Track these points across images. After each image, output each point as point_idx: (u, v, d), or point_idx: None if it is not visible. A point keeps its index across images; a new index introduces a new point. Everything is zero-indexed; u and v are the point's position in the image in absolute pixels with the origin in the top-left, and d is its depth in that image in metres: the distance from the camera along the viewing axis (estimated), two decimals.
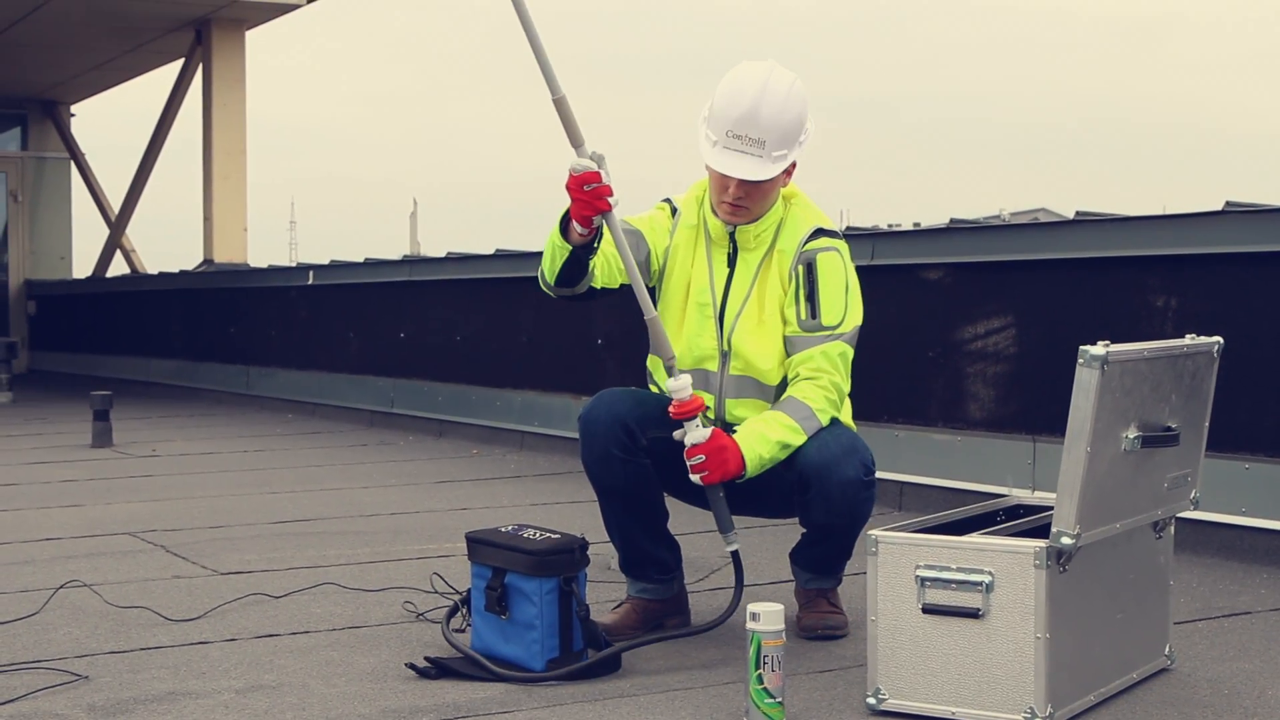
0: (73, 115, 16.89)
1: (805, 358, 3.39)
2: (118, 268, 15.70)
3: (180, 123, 14.45)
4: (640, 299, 3.29)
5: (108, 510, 5.80)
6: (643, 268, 3.44)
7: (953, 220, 5.88)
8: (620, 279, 3.41)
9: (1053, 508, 2.74)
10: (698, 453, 3.22)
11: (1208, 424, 3.16)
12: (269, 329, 11.04)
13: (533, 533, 3.27)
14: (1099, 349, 2.68)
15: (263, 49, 46.57)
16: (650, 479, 3.42)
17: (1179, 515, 3.21)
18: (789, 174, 3.43)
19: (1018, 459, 5.17)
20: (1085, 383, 2.68)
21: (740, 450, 3.25)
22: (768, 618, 2.76)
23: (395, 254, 9.86)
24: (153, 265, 15.17)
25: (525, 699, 3.02)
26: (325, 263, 10.34)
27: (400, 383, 9.16)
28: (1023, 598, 2.74)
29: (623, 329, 7.13)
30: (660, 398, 3.39)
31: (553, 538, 3.23)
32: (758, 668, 2.76)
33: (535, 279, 3.51)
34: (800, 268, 3.42)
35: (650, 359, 3.57)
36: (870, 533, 2.91)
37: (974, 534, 2.94)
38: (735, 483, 3.32)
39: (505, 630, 3.21)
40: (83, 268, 16.59)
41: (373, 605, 3.92)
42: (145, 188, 15.10)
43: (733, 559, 3.31)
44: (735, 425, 3.40)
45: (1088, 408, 2.68)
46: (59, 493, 6.37)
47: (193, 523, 5.43)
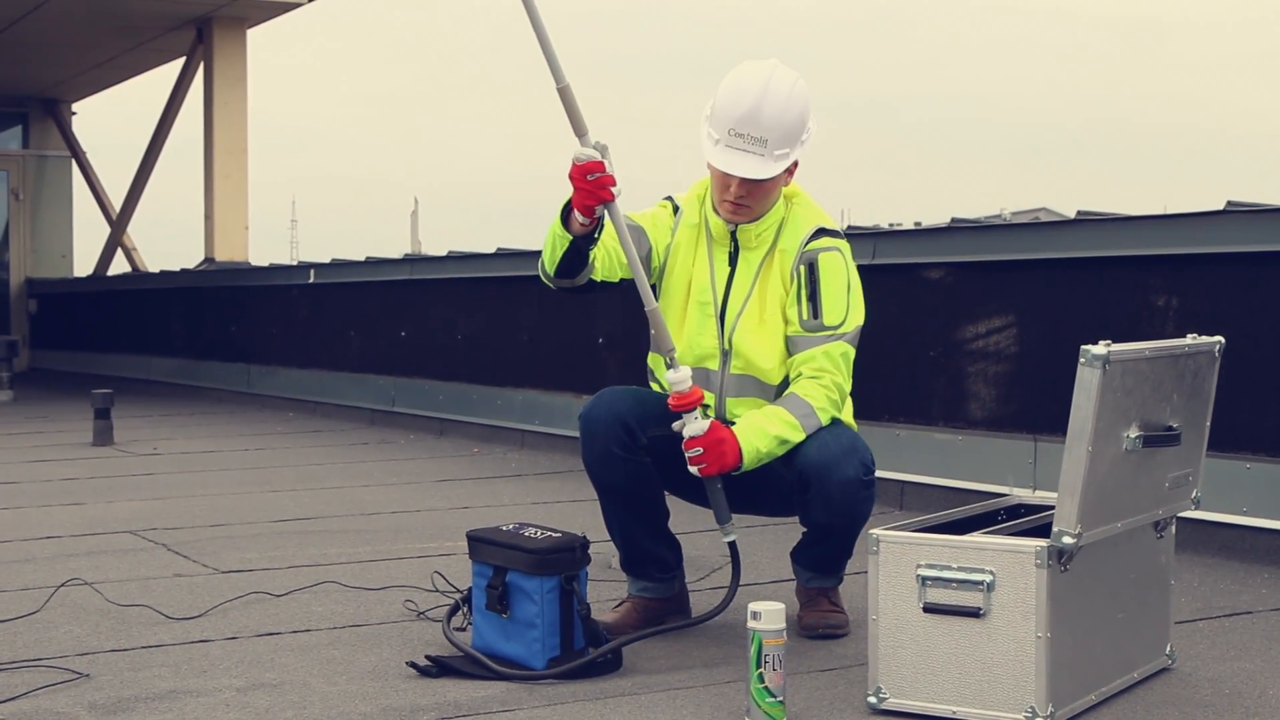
0: (74, 113, 16.89)
1: (807, 357, 3.39)
2: (119, 266, 15.71)
3: (181, 121, 14.47)
4: (641, 290, 3.29)
5: (109, 508, 5.80)
6: (643, 263, 3.44)
7: (954, 220, 5.87)
8: (621, 273, 3.41)
9: (1054, 507, 2.74)
10: (696, 445, 3.23)
11: (1209, 424, 3.16)
12: (270, 327, 11.04)
13: (534, 531, 3.27)
14: (1100, 348, 2.68)
15: (264, 48, 46.65)
16: (651, 477, 3.43)
17: (1180, 515, 3.21)
18: (791, 173, 3.43)
19: (1019, 458, 5.17)
20: (1087, 382, 2.68)
21: (738, 443, 3.26)
22: (769, 616, 2.76)
23: (396, 253, 9.86)
24: (154, 264, 15.19)
25: (526, 697, 3.02)
26: (326, 261, 10.34)
27: (401, 381, 9.16)
28: (1024, 597, 2.74)
29: (624, 328, 7.13)
30: (661, 396, 3.39)
31: (554, 536, 3.23)
32: (759, 666, 2.76)
33: (536, 278, 3.51)
34: (802, 268, 3.42)
35: (651, 356, 3.57)
36: (871, 532, 2.91)
37: (975, 533, 2.94)
38: (733, 476, 3.32)
39: (506, 629, 3.21)
40: (84, 266, 16.60)
41: (374, 604, 3.92)
42: (146, 186, 15.11)
43: (730, 549, 3.33)
44: (735, 423, 3.40)
45: (1089, 407, 2.68)
46: (60, 491, 6.38)
47: (194, 521, 5.43)
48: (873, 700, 2.88)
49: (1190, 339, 3.02)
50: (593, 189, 3.14)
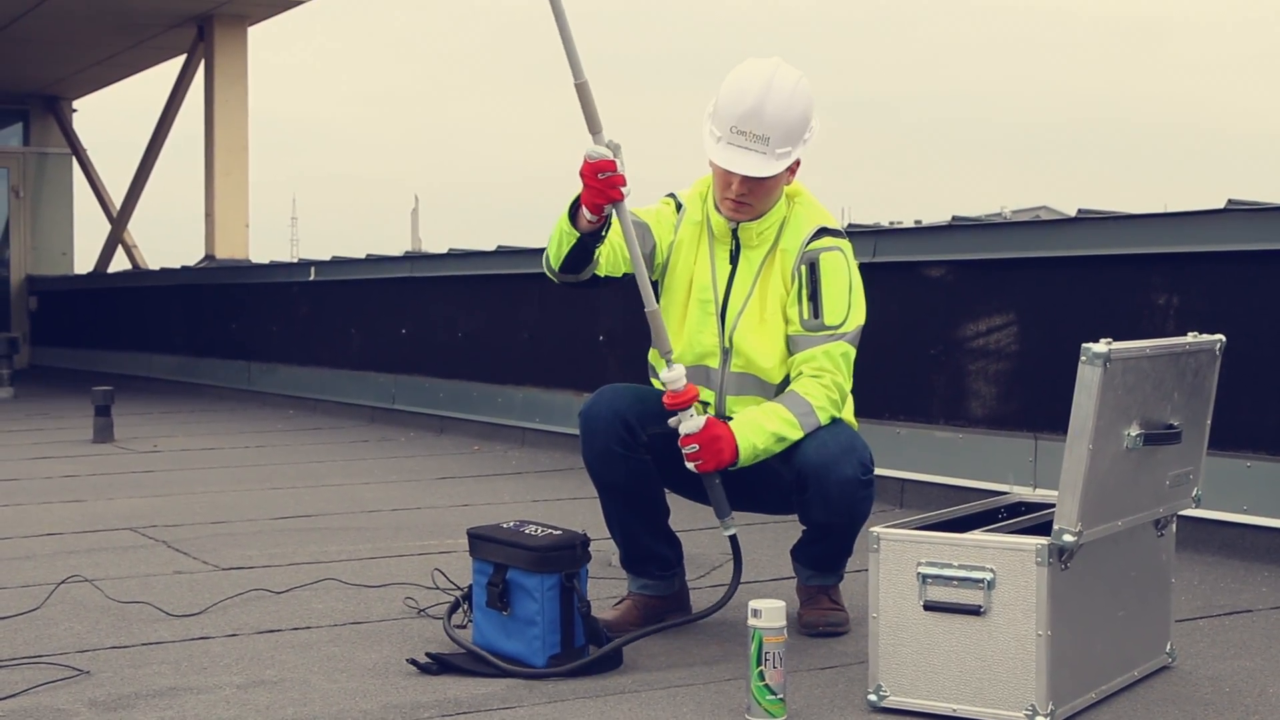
0: (75, 111, 16.89)
1: (808, 357, 3.39)
2: (119, 263, 15.72)
3: (182, 119, 14.47)
4: (643, 291, 3.29)
5: (109, 505, 5.80)
6: (646, 260, 3.43)
7: (954, 218, 5.87)
8: (624, 267, 3.41)
9: (1054, 505, 2.74)
10: (691, 441, 3.23)
11: (1210, 422, 3.16)
12: (270, 325, 11.04)
13: (534, 529, 3.27)
14: (1101, 346, 2.68)
15: (265, 46, 46.63)
16: (651, 475, 3.43)
17: (1180, 513, 3.21)
18: (793, 172, 3.43)
19: (1019, 456, 5.17)
20: (1088, 380, 2.68)
21: (734, 439, 3.26)
22: (769, 614, 2.76)
23: (397, 251, 9.86)
24: (154, 261, 15.20)
25: (527, 695, 3.02)
26: (327, 259, 10.34)
27: (401, 379, 9.16)
28: (1024, 595, 2.74)
29: (624, 325, 7.13)
30: (661, 393, 3.39)
31: (554, 534, 3.23)
32: (759, 664, 2.76)
33: (537, 275, 3.51)
34: (803, 267, 3.41)
35: (651, 353, 3.57)
36: (872, 529, 2.91)
37: (975, 531, 2.94)
38: (731, 473, 3.32)
39: (507, 626, 3.21)
40: (84, 263, 16.60)
41: (374, 601, 3.92)
42: (147, 183, 15.11)
43: (731, 543, 3.34)
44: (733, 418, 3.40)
45: (1090, 405, 2.67)
46: (60, 488, 6.38)
47: (194, 518, 5.43)
48: (873, 698, 2.88)
49: (1191, 337, 3.02)
50: (603, 188, 3.14)
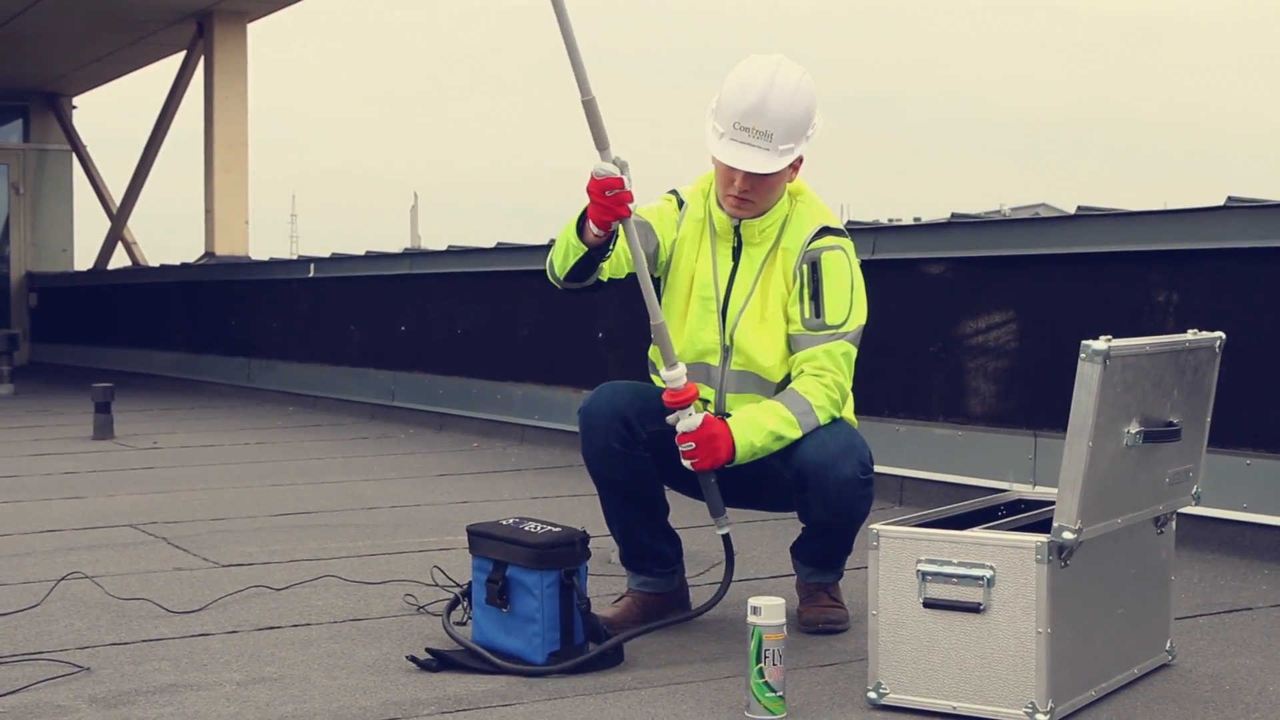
0: (74, 107, 16.89)
1: (809, 356, 3.39)
2: (119, 260, 15.71)
3: (182, 115, 14.47)
4: (649, 304, 3.28)
5: (109, 502, 5.80)
6: (650, 259, 3.43)
7: (954, 215, 5.87)
8: (628, 269, 3.41)
9: (1054, 503, 2.74)
10: (688, 439, 3.23)
11: (1209, 419, 3.16)
12: (270, 322, 11.04)
13: (534, 526, 3.27)
14: (1101, 344, 2.68)
15: (264, 43, 46.64)
16: (650, 472, 3.43)
17: (1180, 510, 3.21)
18: (796, 169, 3.43)
19: (1019, 454, 5.17)
20: (1087, 377, 2.68)
21: (731, 437, 3.26)
22: (769, 611, 2.76)
23: (396, 248, 9.86)
24: (154, 258, 15.19)
25: (526, 692, 3.02)
26: (326, 255, 10.34)
27: (401, 376, 9.16)
28: (1024, 592, 2.74)
29: (624, 323, 7.13)
30: (660, 391, 3.39)
31: (554, 531, 3.23)
32: (759, 661, 2.76)
33: (536, 272, 3.51)
34: (805, 266, 3.41)
35: (652, 349, 3.56)
36: (871, 527, 2.91)
37: (975, 529, 2.94)
38: (729, 471, 3.32)
39: (506, 623, 3.21)
40: (84, 260, 16.60)
41: (374, 598, 3.93)
42: (147, 180, 15.11)
43: (724, 542, 3.35)
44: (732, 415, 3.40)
45: (1090, 403, 2.67)
46: (60, 484, 6.38)
47: (194, 515, 5.43)
48: (873, 695, 2.88)
49: (1191, 334, 3.02)
50: (610, 205, 3.15)
